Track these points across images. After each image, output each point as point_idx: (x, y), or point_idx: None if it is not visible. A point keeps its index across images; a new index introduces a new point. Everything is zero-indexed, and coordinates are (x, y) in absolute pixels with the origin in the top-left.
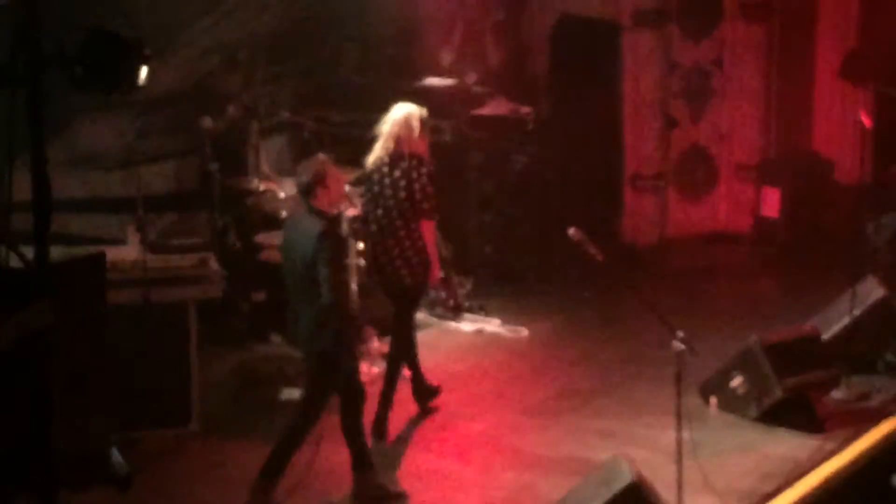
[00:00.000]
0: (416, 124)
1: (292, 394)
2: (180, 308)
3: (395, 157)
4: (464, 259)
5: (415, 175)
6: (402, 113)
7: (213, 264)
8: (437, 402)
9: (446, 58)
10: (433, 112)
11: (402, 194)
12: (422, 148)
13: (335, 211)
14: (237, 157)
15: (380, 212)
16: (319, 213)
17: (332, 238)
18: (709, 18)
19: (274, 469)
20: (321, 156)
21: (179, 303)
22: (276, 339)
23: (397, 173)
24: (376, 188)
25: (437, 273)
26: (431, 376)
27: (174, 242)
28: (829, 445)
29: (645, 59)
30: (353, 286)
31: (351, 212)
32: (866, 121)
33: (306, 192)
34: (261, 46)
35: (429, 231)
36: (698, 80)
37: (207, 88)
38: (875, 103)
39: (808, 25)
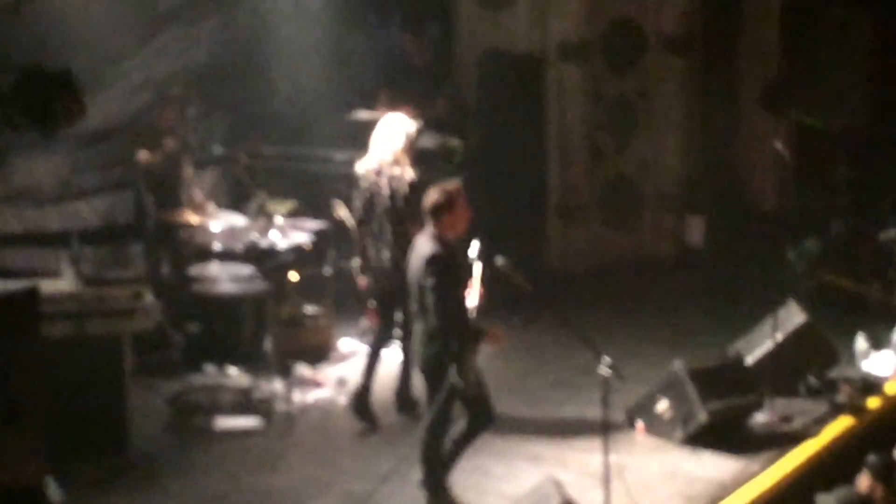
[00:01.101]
0: (404, 136)
1: (226, 423)
2: (115, 340)
3: (383, 166)
4: None
5: (400, 184)
6: (392, 124)
7: (148, 296)
8: (371, 430)
9: (383, 95)
10: (362, 146)
11: (389, 201)
12: (410, 158)
13: (454, 237)
14: (171, 191)
15: (371, 217)
16: (436, 238)
17: (440, 263)
18: (632, 51)
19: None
20: (456, 181)
21: (114, 335)
22: (210, 369)
23: (384, 181)
24: (367, 194)
25: None
26: None
27: (109, 275)
28: (753, 467)
29: (570, 91)
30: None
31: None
32: (786, 149)
33: (432, 213)
34: (193, 81)
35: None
36: (623, 112)
37: (141, 123)
38: (795, 132)
39: (729, 56)
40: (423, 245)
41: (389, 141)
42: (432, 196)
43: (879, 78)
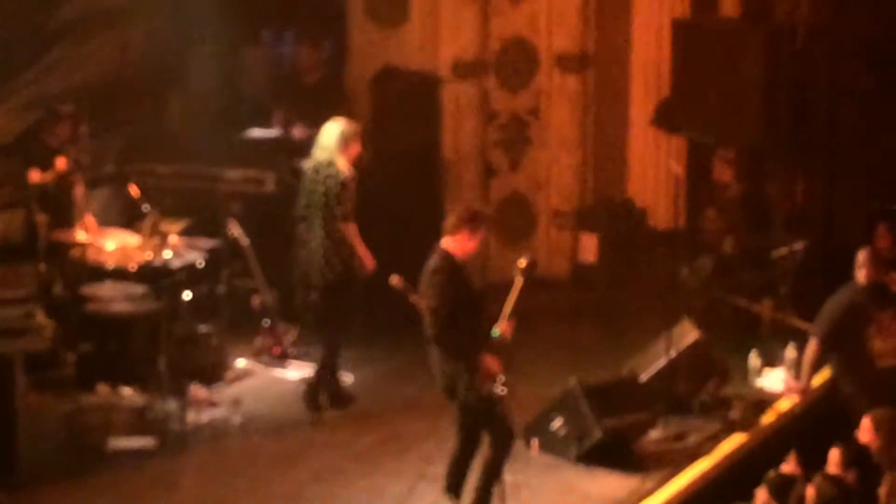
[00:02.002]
0: (343, 137)
1: (120, 443)
2: (6, 360)
3: (323, 164)
4: (289, 307)
5: (331, 182)
6: (334, 126)
7: (40, 316)
8: (266, 448)
9: (277, 113)
10: (257, 163)
11: (323, 199)
12: (346, 158)
13: (462, 256)
14: (63, 210)
15: (309, 213)
16: (443, 253)
17: (442, 276)
18: (525, 69)
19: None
20: (481, 205)
21: (5, 355)
22: (103, 389)
23: (320, 178)
24: (307, 191)
25: (370, 265)
26: (259, 423)
27: (0, 295)
28: (648, 484)
29: (464, 108)
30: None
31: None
32: (679, 168)
33: (453, 227)
34: (84, 99)
35: (350, 232)
36: (516, 130)
37: (33, 141)
38: (687, 150)
39: (621, 75)
40: (432, 258)
41: (327, 141)
42: (463, 208)
43: (772, 93)
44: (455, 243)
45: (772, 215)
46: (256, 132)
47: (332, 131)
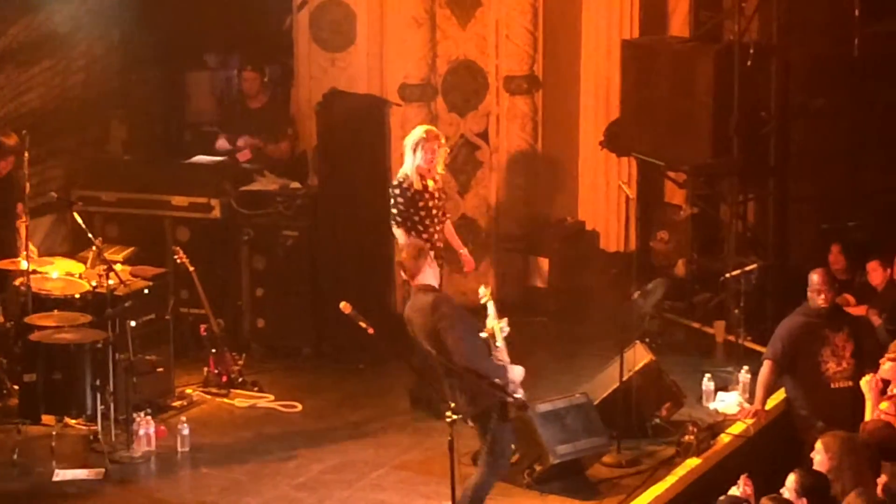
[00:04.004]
0: (406, 149)
1: (66, 474)
2: None
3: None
4: (236, 335)
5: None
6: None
7: None
8: (214, 478)
9: (221, 138)
10: (203, 189)
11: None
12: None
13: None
14: (6, 239)
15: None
16: (427, 288)
17: (449, 305)
18: (474, 92)
19: None
20: (415, 240)
21: None
22: (48, 420)
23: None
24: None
25: None
26: (207, 453)
27: None
28: None
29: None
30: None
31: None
32: (629, 190)
33: (414, 266)
34: (27, 125)
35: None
36: (465, 153)
37: None
38: (638, 172)
39: (571, 97)
40: (418, 300)
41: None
42: (407, 252)
43: (722, 114)
44: (426, 276)
45: (723, 237)
46: (202, 158)
47: (405, 145)
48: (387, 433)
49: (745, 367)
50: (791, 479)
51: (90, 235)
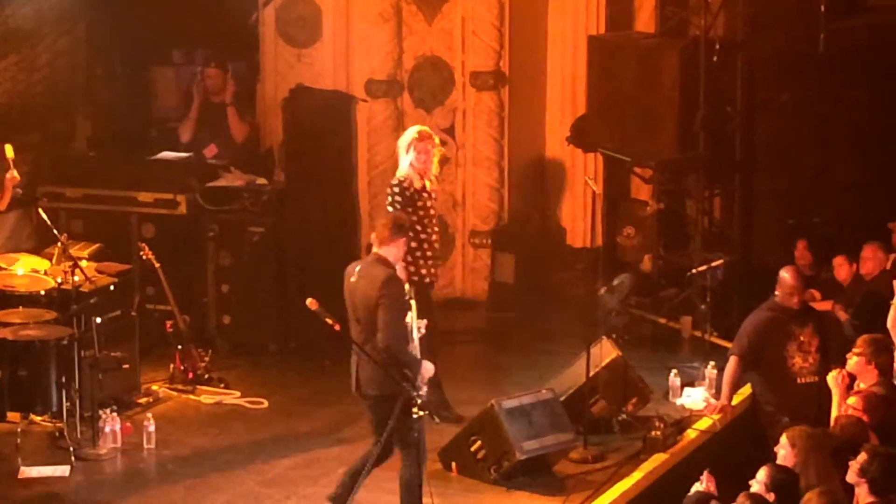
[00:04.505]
0: (400, 149)
1: (32, 471)
2: None
3: None
4: (202, 331)
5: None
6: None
7: None
8: (180, 474)
9: (185, 133)
10: (168, 185)
11: None
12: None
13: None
14: None
15: None
16: (386, 262)
17: (397, 284)
18: (440, 88)
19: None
20: (401, 214)
21: None
22: (13, 416)
23: None
24: None
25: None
26: (173, 449)
27: None
28: None
29: (378, 128)
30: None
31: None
32: (596, 185)
33: (387, 236)
34: None
35: None
36: None
37: None
38: (605, 168)
39: (537, 93)
40: (374, 269)
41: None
42: (386, 220)
43: (688, 110)
44: (391, 251)
45: (690, 232)
46: (167, 154)
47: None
48: (353, 429)
49: (712, 363)
50: (761, 474)
51: (55, 232)
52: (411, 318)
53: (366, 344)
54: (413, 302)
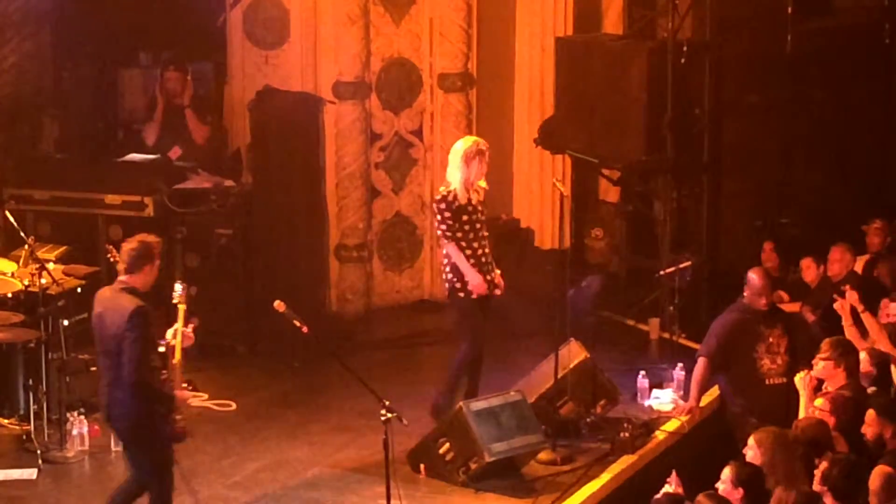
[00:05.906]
0: (455, 161)
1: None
2: None
3: None
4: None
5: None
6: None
7: None
8: None
9: (149, 136)
10: (136, 187)
11: None
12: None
13: (144, 289)
14: None
15: None
16: (133, 291)
17: (145, 317)
18: (408, 89)
19: None
20: (152, 236)
21: None
22: None
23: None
24: None
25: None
26: None
27: None
28: None
29: (346, 130)
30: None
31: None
32: (564, 187)
33: (135, 262)
34: None
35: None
36: (399, 150)
37: None
38: (573, 169)
39: (505, 94)
40: (121, 299)
41: None
42: (133, 245)
43: (655, 111)
44: (138, 280)
45: (657, 234)
46: (135, 156)
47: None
48: (321, 432)
49: (680, 364)
50: (727, 472)
51: (22, 234)
52: (169, 335)
53: (116, 377)
54: (182, 307)
